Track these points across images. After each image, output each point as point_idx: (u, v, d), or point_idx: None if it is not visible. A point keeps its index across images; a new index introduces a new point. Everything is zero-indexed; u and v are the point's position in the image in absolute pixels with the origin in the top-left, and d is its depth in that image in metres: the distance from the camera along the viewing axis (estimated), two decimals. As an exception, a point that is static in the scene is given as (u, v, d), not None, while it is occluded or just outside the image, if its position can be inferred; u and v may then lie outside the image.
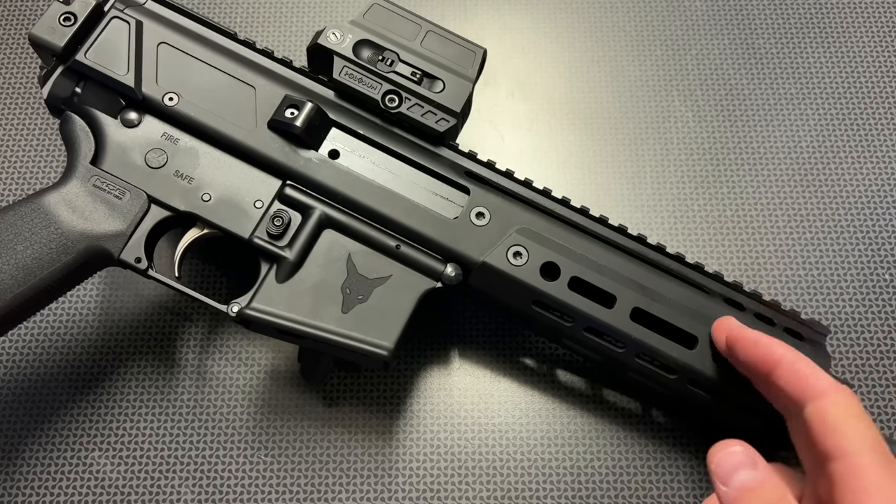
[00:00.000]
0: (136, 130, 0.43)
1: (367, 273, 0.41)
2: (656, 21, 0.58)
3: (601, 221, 0.43)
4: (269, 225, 0.41)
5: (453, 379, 0.48)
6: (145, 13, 0.44)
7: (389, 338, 0.40)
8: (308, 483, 0.45)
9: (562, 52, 0.57)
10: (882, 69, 0.57)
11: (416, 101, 0.43)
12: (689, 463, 0.46)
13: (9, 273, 0.39)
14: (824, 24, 0.58)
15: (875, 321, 0.50)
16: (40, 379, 0.47)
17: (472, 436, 0.46)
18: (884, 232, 0.52)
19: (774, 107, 0.56)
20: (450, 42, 0.44)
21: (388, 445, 0.46)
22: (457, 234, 0.41)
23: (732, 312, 0.42)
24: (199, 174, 0.42)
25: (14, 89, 0.55)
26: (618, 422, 0.47)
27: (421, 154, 0.43)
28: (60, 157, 0.53)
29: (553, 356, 0.48)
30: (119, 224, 0.41)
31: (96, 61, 0.42)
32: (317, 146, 0.43)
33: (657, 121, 0.55)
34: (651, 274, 0.42)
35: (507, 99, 0.56)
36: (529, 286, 0.41)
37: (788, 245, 0.52)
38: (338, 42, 0.43)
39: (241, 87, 0.43)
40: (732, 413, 0.42)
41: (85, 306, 0.49)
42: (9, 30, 0.57)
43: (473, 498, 0.45)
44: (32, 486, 0.45)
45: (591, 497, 0.45)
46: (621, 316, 0.41)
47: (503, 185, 0.43)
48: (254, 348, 0.48)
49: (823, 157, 0.54)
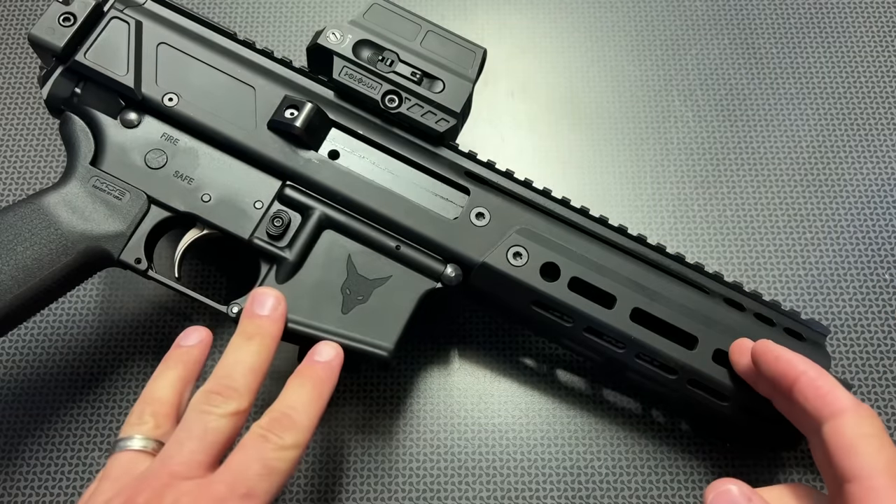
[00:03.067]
0: (136, 131, 0.43)
1: (367, 273, 0.41)
2: (656, 21, 0.58)
3: (601, 222, 0.43)
4: (269, 225, 0.41)
5: (453, 379, 0.48)
6: (145, 13, 0.44)
7: (389, 338, 0.40)
8: (308, 483, 0.45)
9: (562, 52, 0.57)
10: (882, 69, 0.57)
11: (415, 102, 0.43)
12: (689, 463, 0.46)
13: (9, 273, 0.39)
14: (824, 24, 0.58)
15: (875, 321, 0.50)
16: (40, 379, 0.47)
17: (472, 436, 0.46)
18: (884, 232, 0.52)
19: (774, 107, 0.56)
20: (450, 42, 0.44)
21: (388, 445, 0.46)
22: (457, 234, 0.41)
23: (732, 312, 0.42)
24: (198, 175, 0.42)
25: (14, 89, 0.55)
26: (618, 422, 0.47)
27: (421, 154, 0.43)
28: (60, 157, 0.53)
29: (553, 356, 0.48)
30: (119, 225, 0.41)
31: (96, 62, 0.42)
32: (317, 146, 0.43)
33: (657, 121, 0.55)
34: (651, 274, 0.42)
35: (507, 99, 0.56)
36: (529, 286, 0.41)
37: (788, 245, 0.52)
38: (338, 42, 0.43)
39: (241, 88, 0.43)
40: (732, 414, 0.42)
41: (85, 306, 0.49)
42: (9, 30, 0.57)
43: (473, 498, 0.45)
44: (32, 486, 0.45)
45: (591, 497, 0.45)
46: (621, 316, 0.41)
47: (503, 185, 0.43)
48: (254, 348, 0.48)
49: (823, 157, 0.54)
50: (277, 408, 0.35)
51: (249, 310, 0.38)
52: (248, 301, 0.39)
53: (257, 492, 0.32)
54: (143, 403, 0.35)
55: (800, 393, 0.35)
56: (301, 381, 0.36)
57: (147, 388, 0.36)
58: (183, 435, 0.33)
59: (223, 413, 0.34)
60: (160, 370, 0.37)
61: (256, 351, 0.36)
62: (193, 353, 0.37)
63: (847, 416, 0.33)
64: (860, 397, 0.47)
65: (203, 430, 0.33)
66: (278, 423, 0.34)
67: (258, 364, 0.36)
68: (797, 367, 0.36)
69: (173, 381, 0.36)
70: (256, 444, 0.33)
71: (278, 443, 0.33)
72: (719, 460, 0.46)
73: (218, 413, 0.34)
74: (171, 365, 0.37)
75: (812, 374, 0.35)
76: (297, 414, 0.35)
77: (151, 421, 0.35)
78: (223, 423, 0.34)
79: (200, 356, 0.38)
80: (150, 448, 0.34)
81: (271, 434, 0.33)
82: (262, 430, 0.34)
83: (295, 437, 0.34)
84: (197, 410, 0.34)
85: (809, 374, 0.35)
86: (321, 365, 0.37)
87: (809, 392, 0.35)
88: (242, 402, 0.35)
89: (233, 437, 0.34)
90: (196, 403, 0.34)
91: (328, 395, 0.37)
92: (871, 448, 0.32)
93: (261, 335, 0.37)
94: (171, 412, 0.35)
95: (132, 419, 0.35)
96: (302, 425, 0.34)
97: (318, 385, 0.36)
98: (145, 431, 0.34)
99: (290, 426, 0.34)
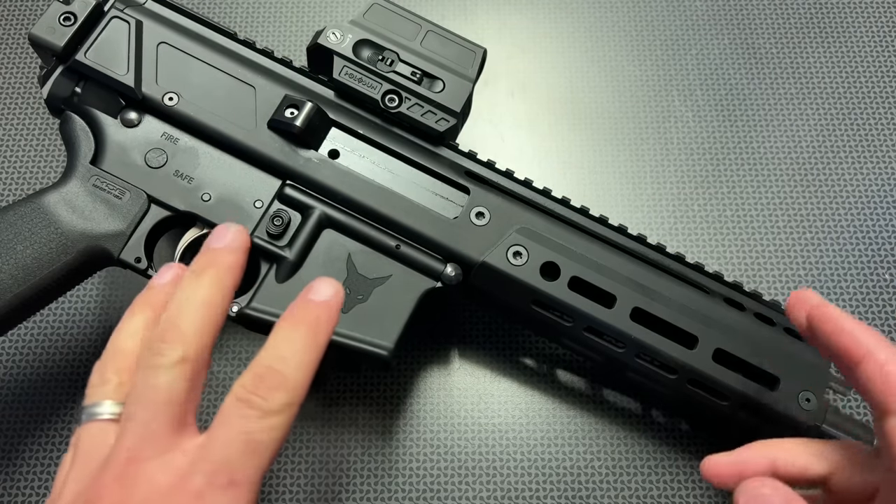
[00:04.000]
0: (136, 130, 0.43)
1: (367, 273, 0.41)
2: (656, 21, 0.58)
3: (601, 221, 0.43)
4: (269, 225, 0.41)
5: (453, 379, 0.48)
6: (145, 13, 0.44)
7: (389, 338, 0.40)
8: (308, 483, 0.45)
9: (562, 52, 0.57)
10: (882, 69, 0.57)
11: (416, 101, 0.43)
12: (689, 463, 0.46)
13: (9, 273, 0.39)
14: (824, 24, 0.58)
15: (875, 321, 0.50)
16: (40, 379, 0.47)
17: (472, 436, 0.46)
18: (884, 232, 0.52)
19: (774, 107, 0.56)
20: (450, 42, 0.44)
21: (388, 445, 0.46)
22: (457, 233, 0.41)
23: (732, 312, 0.42)
24: (198, 174, 0.42)
25: (14, 89, 0.55)
26: (618, 422, 0.47)
27: (421, 154, 0.43)
28: (60, 157, 0.53)
29: (553, 356, 0.48)
30: (119, 224, 0.41)
31: (96, 61, 0.42)
32: (317, 146, 0.43)
33: (657, 121, 0.55)
34: (651, 274, 0.42)
35: (507, 99, 0.56)
36: (529, 286, 0.41)
37: (788, 245, 0.52)
38: (338, 42, 0.43)
39: (241, 87, 0.43)
40: (732, 413, 0.42)
41: (85, 306, 0.49)
42: (9, 30, 0.57)
43: (473, 498, 0.45)
44: (32, 486, 0.45)
45: (591, 497, 0.45)
46: (621, 316, 0.41)
47: (503, 184, 0.43)
48: (254, 348, 0.48)
49: (823, 157, 0.54)
50: (263, 360, 0.28)
51: (206, 245, 0.32)
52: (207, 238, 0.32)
53: (241, 477, 0.27)
54: (106, 359, 0.30)
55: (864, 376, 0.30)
56: (293, 324, 0.29)
57: (111, 339, 0.31)
58: (133, 405, 0.28)
59: (170, 363, 0.28)
60: (126, 317, 0.31)
61: (208, 283, 0.30)
62: (165, 292, 0.31)
63: None
64: (860, 397, 0.47)
65: (153, 391, 0.28)
66: (263, 380, 0.28)
67: (210, 298, 0.30)
68: (864, 345, 0.31)
69: (138, 329, 0.31)
70: (238, 411, 0.27)
71: (264, 406, 0.27)
72: (719, 460, 0.46)
73: (164, 364, 0.28)
74: (138, 310, 0.31)
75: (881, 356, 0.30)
76: (287, 367, 0.28)
77: (115, 379, 0.30)
78: (173, 375, 0.28)
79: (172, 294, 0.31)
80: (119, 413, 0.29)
81: (255, 396, 0.27)
82: (244, 391, 0.28)
83: (285, 396, 0.28)
84: (143, 367, 0.29)
85: (878, 357, 0.30)
86: (318, 304, 0.30)
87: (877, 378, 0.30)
88: (189, 346, 0.28)
89: (194, 390, 0.29)
90: (141, 359, 0.29)
91: (325, 344, 0.30)
92: None
93: (214, 266, 0.31)
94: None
95: (94, 379, 0.30)
96: (294, 381, 0.28)
97: (313, 329, 0.29)
98: (110, 393, 0.29)
99: (278, 384, 0.28)
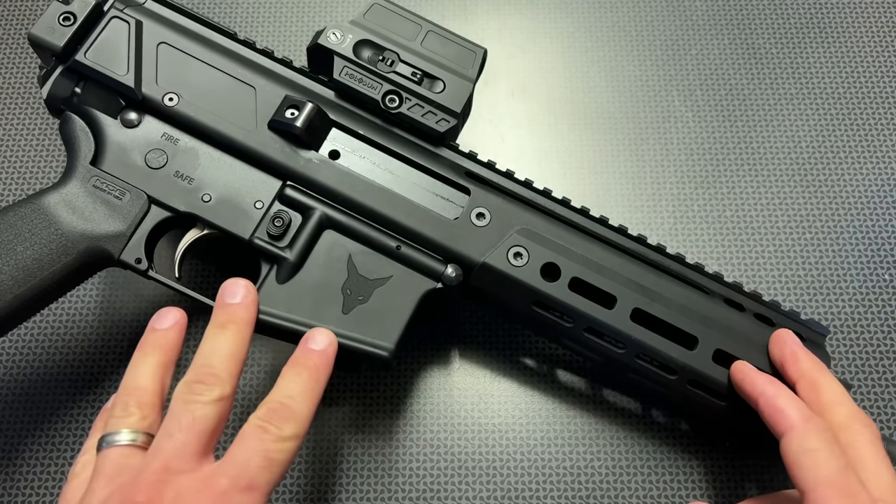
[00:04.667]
0: (136, 131, 0.43)
1: (368, 274, 0.41)
2: (656, 21, 0.58)
3: (601, 222, 0.43)
4: (270, 225, 0.41)
5: (453, 379, 0.48)
6: (145, 13, 0.44)
7: (390, 338, 0.40)
8: (308, 483, 0.45)
9: (562, 52, 0.57)
10: (882, 69, 0.57)
11: (416, 102, 0.43)
12: (689, 463, 0.46)
13: (9, 273, 0.39)
14: (824, 24, 0.58)
15: (875, 321, 0.50)
16: (40, 379, 0.47)
17: (472, 436, 0.46)
18: (884, 232, 0.52)
19: (774, 107, 0.56)
20: (450, 42, 0.44)
21: (388, 445, 0.46)
22: (457, 234, 0.41)
23: (732, 313, 0.42)
24: (199, 175, 0.42)
25: (14, 89, 0.55)
26: (618, 422, 0.47)
27: (421, 154, 0.43)
28: (60, 157, 0.53)
29: (553, 356, 0.48)
30: (119, 225, 0.41)
31: (96, 61, 0.42)
32: (317, 147, 0.43)
33: (657, 121, 0.55)
34: (651, 274, 0.42)
35: (507, 99, 0.56)
36: (530, 287, 0.41)
37: (788, 245, 0.52)
38: (338, 42, 0.43)
39: (242, 88, 0.43)
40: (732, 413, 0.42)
41: (85, 306, 0.49)
42: (9, 30, 0.57)
43: (473, 498, 0.45)
44: (32, 486, 0.45)
45: (591, 497, 0.45)
46: (621, 316, 0.41)
47: (503, 185, 0.43)
48: (254, 348, 0.48)
49: (823, 157, 0.54)
50: (275, 398, 0.35)
51: (220, 300, 0.38)
52: (219, 292, 0.38)
53: (259, 483, 0.32)
54: (126, 394, 0.35)
55: (761, 413, 0.37)
56: (297, 370, 0.36)
57: (126, 377, 0.36)
58: (172, 427, 0.33)
59: (208, 400, 0.33)
60: (137, 357, 0.36)
61: (232, 338, 0.36)
62: (170, 336, 0.37)
63: (793, 433, 0.34)
64: (860, 397, 0.47)
65: (191, 419, 0.33)
66: (276, 413, 0.34)
67: (235, 350, 0.36)
68: (757, 388, 0.37)
69: (153, 368, 0.36)
70: (256, 435, 0.33)
71: (278, 434, 0.33)
72: (719, 460, 0.46)
73: (203, 401, 0.33)
74: (149, 351, 0.36)
75: (770, 393, 0.37)
76: (294, 403, 0.35)
77: (137, 412, 0.34)
78: (209, 410, 0.33)
79: (177, 339, 0.37)
80: (139, 441, 0.33)
81: (270, 425, 0.33)
82: (260, 422, 0.33)
83: (294, 427, 0.34)
84: (182, 401, 0.34)
85: (767, 394, 0.37)
86: (316, 353, 0.37)
87: (766, 411, 0.36)
88: (225, 387, 0.34)
89: (221, 423, 0.34)
90: (180, 394, 0.34)
91: (324, 383, 0.37)
92: (812, 462, 0.33)
93: (234, 322, 0.37)
94: (156, 401, 0.35)
95: (117, 412, 0.34)
96: (300, 415, 0.34)
97: (314, 374, 0.36)
98: (132, 424, 0.34)
99: (288, 416, 0.34)
